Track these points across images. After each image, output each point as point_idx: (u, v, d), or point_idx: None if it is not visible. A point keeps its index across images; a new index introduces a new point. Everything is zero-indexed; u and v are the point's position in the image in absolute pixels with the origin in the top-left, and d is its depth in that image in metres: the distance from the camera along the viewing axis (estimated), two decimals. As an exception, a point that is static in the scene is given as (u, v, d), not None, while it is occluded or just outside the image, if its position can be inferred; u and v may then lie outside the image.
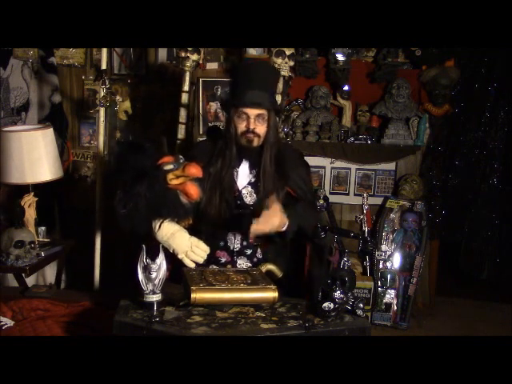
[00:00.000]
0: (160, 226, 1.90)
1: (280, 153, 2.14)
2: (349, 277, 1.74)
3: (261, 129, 2.06)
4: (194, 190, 1.91)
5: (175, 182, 1.88)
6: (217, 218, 2.10)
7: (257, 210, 2.01)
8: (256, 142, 2.07)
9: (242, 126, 2.05)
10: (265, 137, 2.08)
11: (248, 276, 1.82)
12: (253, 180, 2.13)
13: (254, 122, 2.03)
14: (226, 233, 2.13)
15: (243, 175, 2.15)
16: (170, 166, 1.87)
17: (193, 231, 1.98)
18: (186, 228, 2.05)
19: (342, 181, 3.61)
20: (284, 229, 1.96)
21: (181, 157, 1.91)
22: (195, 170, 1.88)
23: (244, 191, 2.13)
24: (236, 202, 2.12)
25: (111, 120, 3.10)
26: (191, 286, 1.69)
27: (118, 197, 1.87)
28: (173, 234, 1.88)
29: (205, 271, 1.86)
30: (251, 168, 2.14)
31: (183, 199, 1.91)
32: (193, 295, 1.67)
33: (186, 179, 1.88)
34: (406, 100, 3.46)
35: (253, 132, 2.04)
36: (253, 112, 2.03)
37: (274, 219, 1.92)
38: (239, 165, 2.15)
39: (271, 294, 1.72)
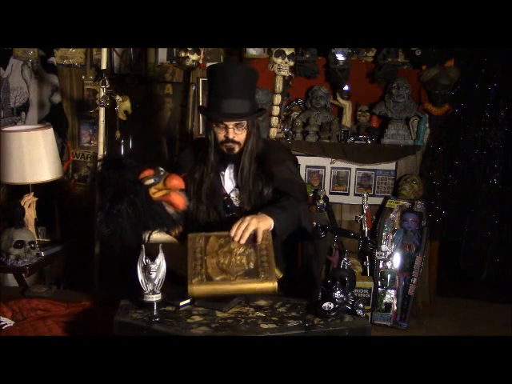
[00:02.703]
0: (149, 238, 1.90)
1: (264, 153, 2.11)
2: (349, 277, 1.74)
3: (240, 136, 2.03)
4: (179, 200, 1.90)
5: (158, 194, 1.88)
6: (207, 224, 2.08)
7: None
8: (237, 149, 2.05)
9: (221, 136, 2.03)
10: (245, 142, 2.05)
11: (252, 256, 1.76)
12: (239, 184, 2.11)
13: (233, 131, 2.00)
14: None
15: (229, 178, 2.13)
16: (151, 181, 1.87)
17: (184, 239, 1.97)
18: (177, 236, 2.05)
19: (342, 181, 3.61)
20: (271, 228, 1.88)
21: (161, 169, 1.90)
22: (177, 182, 1.87)
23: (232, 194, 2.12)
24: (225, 206, 2.11)
25: (111, 120, 3.09)
26: (189, 280, 1.68)
27: (100, 218, 1.86)
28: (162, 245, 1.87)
29: (208, 247, 1.79)
30: (236, 171, 2.11)
31: (170, 210, 1.91)
32: (189, 288, 1.66)
33: (169, 191, 1.87)
34: (406, 100, 3.46)
35: (232, 141, 2.02)
36: (231, 122, 1.99)
37: (247, 219, 1.83)
38: (224, 169, 2.13)
39: (270, 286, 1.69)
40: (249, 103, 2.02)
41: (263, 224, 1.83)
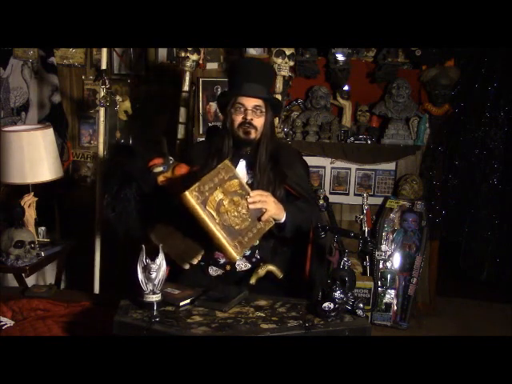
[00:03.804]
0: (153, 228, 1.90)
1: (277, 151, 2.13)
2: (349, 277, 1.74)
3: (258, 121, 2.05)
4: None
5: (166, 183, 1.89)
6: None
7: None
8: (253, 135, 2.05)
9: (238, 118, 2.04)
10: (262, 131, 2.07)
11: (245, 224, 1.79)
12: (250, 181, 2.10)
13: (251, 114, 2.03)
14: None
15: (240, 176, 2.14)
16: (160, 168, 1.88)
17: (189, 232, 1.97)
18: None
19: (342, 181, 3.61)
20: (282, 220, 1.93)
21: (170, 158, 1.92)
22: (185, 171, 1.88)
23: None
24: None
25: (111, 120, 3.09)
26: (192, 187, 1.66)
27: (106, 201, 1.89)
28: (167, 235, 1.87)
29: (227, 184, 1.79)
30: (248, 168, 2.12)
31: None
32: (186, 192, 1.64)
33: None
34: (406, 100, 3.46)
35: (250, 123, 2.03)
36: (250, 103, 2.03)
37: (270, 197, 1.88)
38: (236, 165, 2.12)
39: (233, 256, 1.73)
40: (267, 90, 2.09)
41: (275, 212, 1.89)
